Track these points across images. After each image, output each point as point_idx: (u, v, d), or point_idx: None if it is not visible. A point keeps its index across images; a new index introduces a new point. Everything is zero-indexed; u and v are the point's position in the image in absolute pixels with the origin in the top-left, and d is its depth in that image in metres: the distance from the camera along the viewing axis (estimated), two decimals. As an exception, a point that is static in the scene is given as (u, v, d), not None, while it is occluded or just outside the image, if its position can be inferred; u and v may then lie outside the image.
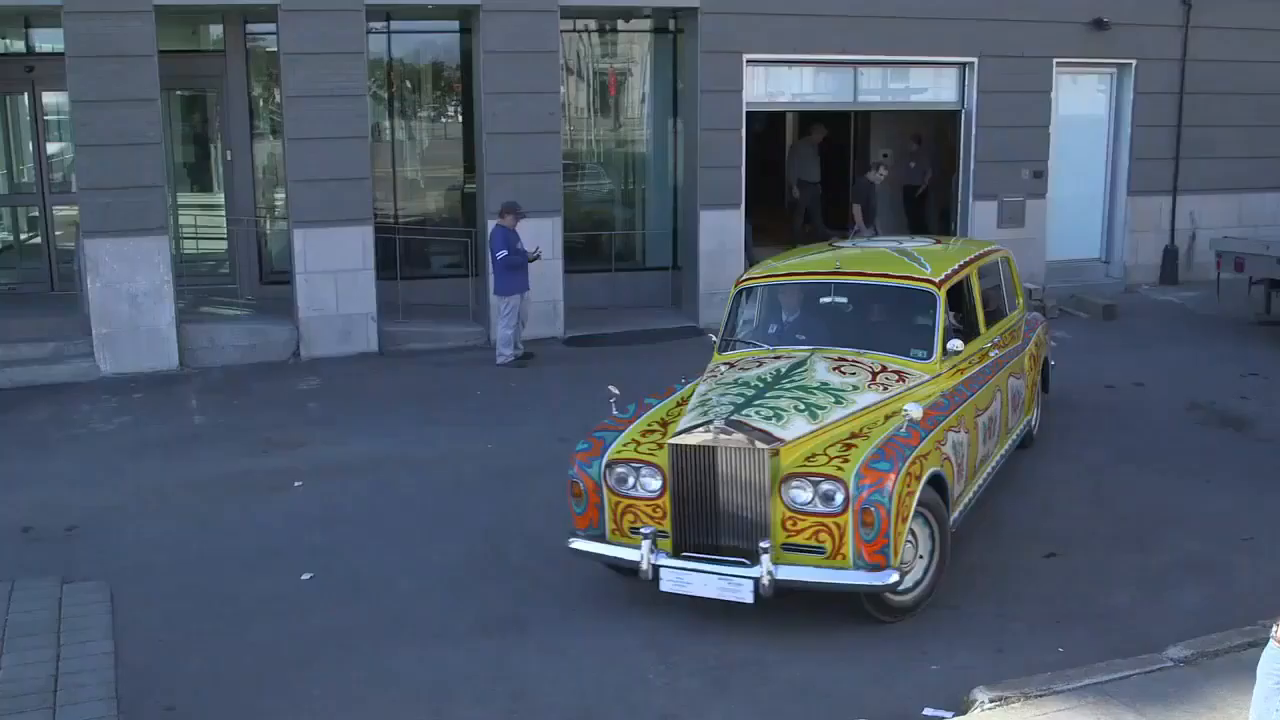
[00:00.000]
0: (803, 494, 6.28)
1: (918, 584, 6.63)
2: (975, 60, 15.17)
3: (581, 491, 6.81)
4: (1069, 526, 7.96)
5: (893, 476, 6.18)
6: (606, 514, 6.76)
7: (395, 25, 14.53)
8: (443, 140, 15.81)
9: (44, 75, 13.92)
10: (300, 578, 7.34)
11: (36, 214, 14.79)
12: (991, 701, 5.49)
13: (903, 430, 6.54)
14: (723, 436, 6.38)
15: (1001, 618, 6.66)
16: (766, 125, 18.24)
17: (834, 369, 7.25)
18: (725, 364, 7.73)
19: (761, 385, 7.03)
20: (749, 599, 6.26)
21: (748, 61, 14.20)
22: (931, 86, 15.68)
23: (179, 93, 15.05)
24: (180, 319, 12.63)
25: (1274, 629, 3.91)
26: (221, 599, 7.06)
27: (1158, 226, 16.44)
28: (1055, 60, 15.51)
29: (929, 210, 17.61)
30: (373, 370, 12.61)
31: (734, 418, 6.51)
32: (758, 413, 6.62)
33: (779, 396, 6.84)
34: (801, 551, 6.29)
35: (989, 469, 7.99)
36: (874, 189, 15.61)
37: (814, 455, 6.44)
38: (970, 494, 7.49)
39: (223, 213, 14.88)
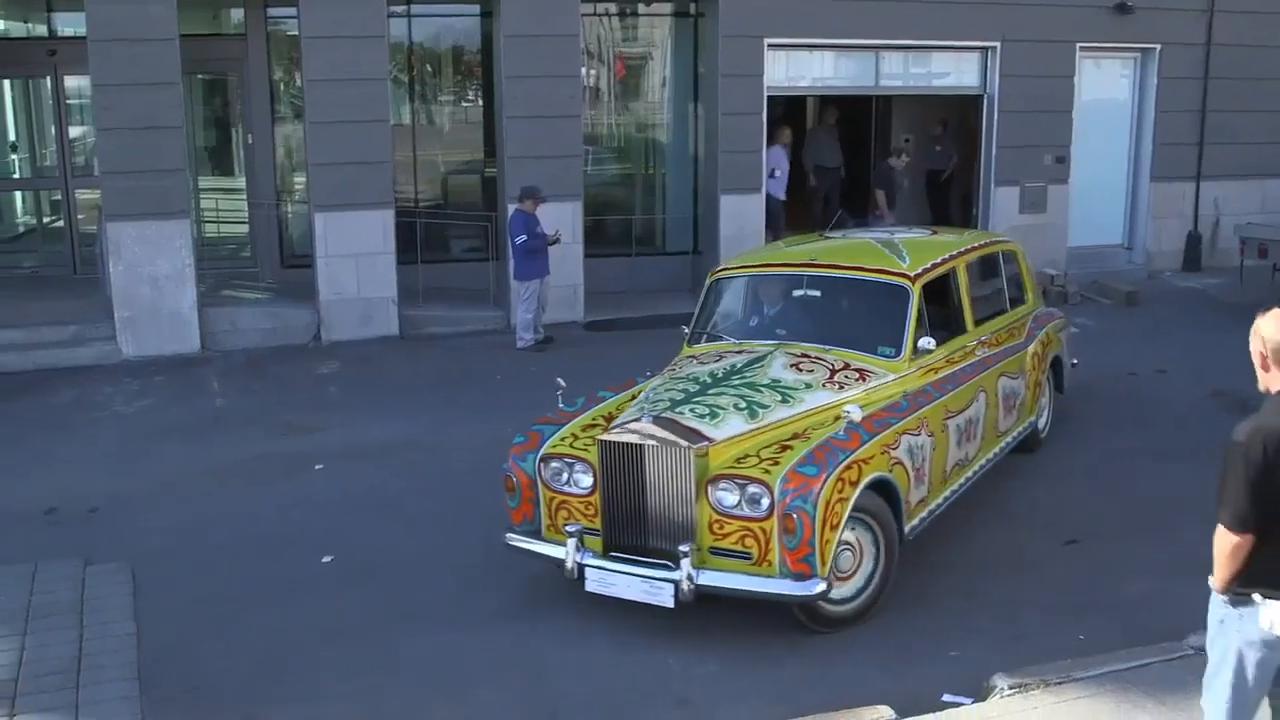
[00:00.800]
0: (729, 496, 6.00)
1: (859, 593, 6.32)
2: (998, 44, 15.09)
3: (514, 486, 6.65)
4: (1088, 514, 7.91)
5: (820, 482, 5.85)
6: (542, 510, 6.60)
7: (416, 9, 14.53)
8: (463, 124, 15.81)
9: (66, 59, 13.97)
10: (320, 560, 7.38)
11: (59, 197, 14.87)
12: (1011, 688, 5.47)
13: (840, 433, 6.20)
14: (649, 434, 6.15)
15: (1020, 605, 6.63)
16: (786, 109, 18.15)
17: (791, 366, 6.93)
18: (690, 357, 7.51)
19: (709, 381, 6.76)
20: (670, 603, 6.05)
21: (769, 45, 14.16)
22: (953, 71, 15.60)
23: (200, 76, 15.10)
24: (201, 302, 12.68)
25: (1209, 579, 4.45)
26: (242, 582, 7.09)
27: (1181, 212, 16.34)
28: (1078, 44, 15.41)
29: (951, 196, 17.52)
30: (393, 354, 12.64)
31: (664, 415, 6.27)
32: (692, 410, 6.35)
33: (721, 394, 6.56)
34: (729, 556, 6.03)
35: (968, 474, 7.53)
36: (895, 174, 15.55)
37: (745, 456, 6.13)
38: (939, 500, 7.07)
39: (244, 196, 14.93)
